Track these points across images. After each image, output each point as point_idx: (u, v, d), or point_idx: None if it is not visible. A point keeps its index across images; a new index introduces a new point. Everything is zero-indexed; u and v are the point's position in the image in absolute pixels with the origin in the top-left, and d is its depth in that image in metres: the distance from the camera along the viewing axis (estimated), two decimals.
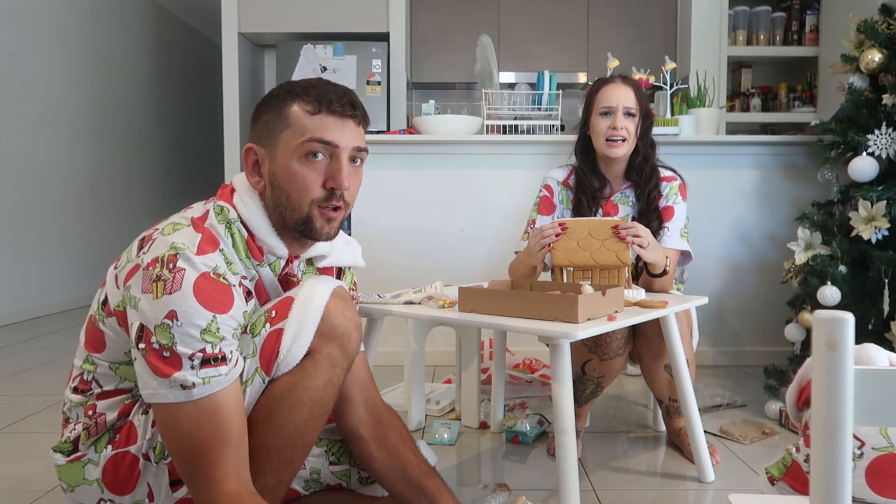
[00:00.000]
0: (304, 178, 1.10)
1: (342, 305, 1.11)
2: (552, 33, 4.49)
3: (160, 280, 0.96)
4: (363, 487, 1.33)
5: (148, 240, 1.04)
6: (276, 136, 1.10)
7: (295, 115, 1.10)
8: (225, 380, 0.99)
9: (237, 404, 1.01)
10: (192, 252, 0.99)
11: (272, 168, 1.11)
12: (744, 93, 4.24)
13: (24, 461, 1.80)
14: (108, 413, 1.09)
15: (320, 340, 1.08)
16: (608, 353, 1.71)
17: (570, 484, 1.29)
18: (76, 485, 1.10)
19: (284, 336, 1.06)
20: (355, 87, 3.97)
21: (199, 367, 0.96)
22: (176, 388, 0.96)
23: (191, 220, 1.06)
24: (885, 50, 2.06)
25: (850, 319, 0.51)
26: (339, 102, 1.10)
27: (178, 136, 6.08)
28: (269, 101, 1.13)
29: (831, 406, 0.52)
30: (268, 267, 1.15)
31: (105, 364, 1.10)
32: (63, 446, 1.12)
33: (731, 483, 1.67)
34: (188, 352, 0.96)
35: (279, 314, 1.08)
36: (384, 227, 2.84)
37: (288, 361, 1.07)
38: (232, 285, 1.02)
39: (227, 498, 0.97)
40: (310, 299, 1.08)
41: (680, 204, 1.86)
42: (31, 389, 2.53)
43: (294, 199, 1.10)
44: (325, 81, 1.14)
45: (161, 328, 0.96)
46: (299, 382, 1.07)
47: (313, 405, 1.08)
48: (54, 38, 4.34)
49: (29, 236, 4.15)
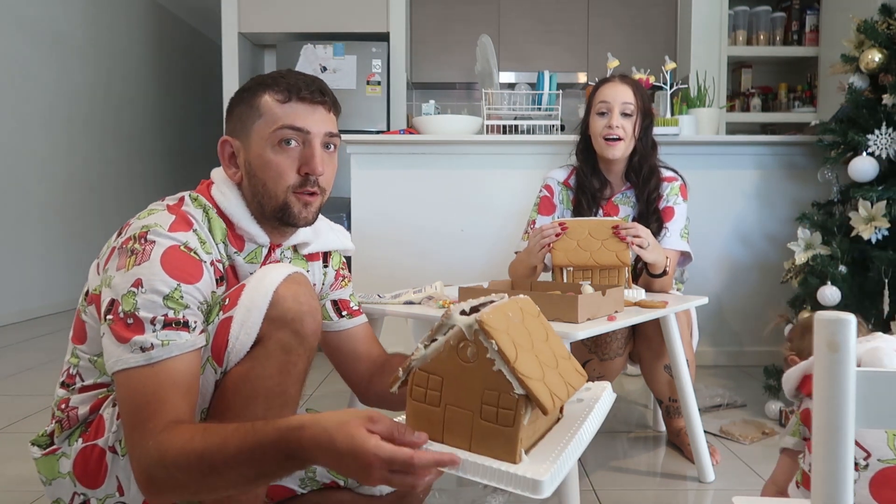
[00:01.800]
0: (279, 166, 1.10)
1: (294, 289, 1.07)
2: (552, 33, 4.49)
3: (133, 254, 0.99)
4: (361, 486, 1.32)
5: (126, 226, 1.06)
6: (248, 127, 1.12)
7: (266, 105, 1.11)
8: (185, 345, 0.98)
9: (191, 368, 0.99)
10: (164, 229, 1.01)
11: (247, 158, 1.13)
12: (744, 93, 4.24)
13: (24, 461, 1.80)
14: (81, 407, 1.10)
15: (270, 326, 1.04)
16: (608, 354, 1.71)
17: (570, 484, 1.29)
18: (52, 478, 1.10)
19: (233, 324, 1.03)
20: (355, 87, 3.97)
21: (160, 328, 0.96)
22: (136, 351, 0.95)
23: (166, 206, 1.08)
24: (885, 50, 2.06)
25: (852, 321, 0.51)
26: (307, 90, 1.11)
27: (178, 136, 6.08)
28: (241, 94, 1.15)
29: (832, 408, 0.51)
30: (248, 255, 1.15)
31: (86, 357, 1.10)
32: (40, 440, 1.12)
33: (731, 483, 1.66)
34: (150, 316, 0.96)
35: (231, 301, 1.05)
36: (384, 227, 2.84)
37: (237, 350, 1.03)
38: (202, 261, 1.03)
39: (163, 435, 0.91)
40: (259, 285, 1.05)
41: (680, 204, 1.86)
42: (31, 389, 2.53)
43: (270, 186, 1.11)
44: (295, 72, 1.15)
45: (127, 296, 0.96)
46: (251, 371, 1.03)
47: (270, 394, 1.03)
48: (54, 38, 4.34)
49: (30, 236, 4.15)
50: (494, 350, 0.73)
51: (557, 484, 0.74)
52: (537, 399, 0.72)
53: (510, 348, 0.74)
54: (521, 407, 0.73)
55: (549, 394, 0.74)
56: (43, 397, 2.38)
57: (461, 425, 0.76)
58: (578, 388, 0.83)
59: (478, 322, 0.74)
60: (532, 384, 0.72)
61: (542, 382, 0.74)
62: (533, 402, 0.73)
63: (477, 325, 0.74)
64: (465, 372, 0.76)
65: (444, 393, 0.77)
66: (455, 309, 0.78)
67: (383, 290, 1.75)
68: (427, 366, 0.78)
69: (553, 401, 0.74)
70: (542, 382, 0.74)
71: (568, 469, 0.77)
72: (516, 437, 0.73)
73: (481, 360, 0.74)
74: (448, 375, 0.77)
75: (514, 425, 0.73)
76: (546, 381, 0.75)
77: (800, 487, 1.09)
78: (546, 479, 0.71)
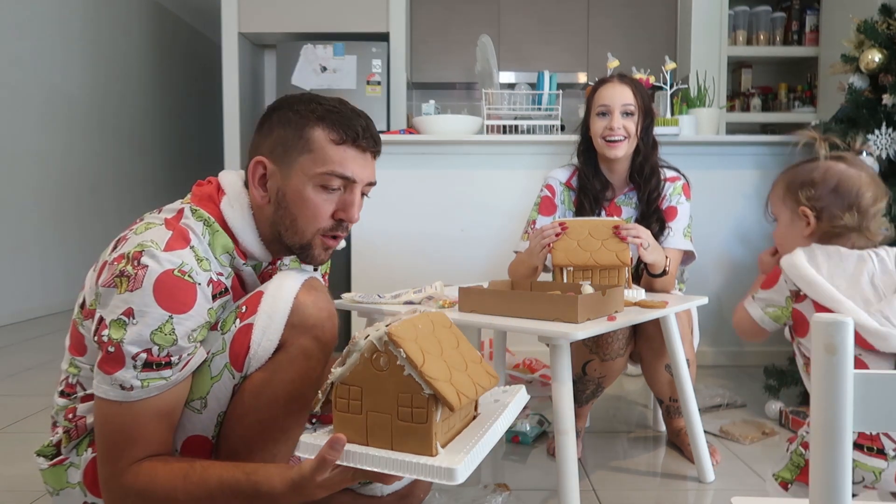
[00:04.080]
0: (316, 207, 1.09)
1: (314, 296, 1.09)
2: (552, 33, 4.49)
3: (123, 276, 0.96)
4: (362, 487, 1.32)
5: (122, 240, 1.04)
6: (293, 157, 1.08)
7: (318, 142, 1.07)
8: (165, 384, 0.98)
9: (171, 407, 1.01)
10: (158, 249, 0.98)
11: (282, 187, 1.10)
12: (744, 93, 4.24)
13: (24, 461, 1.80)
14: (89, 416, 1.09)
15: (292, 333, 1.06)
16: (609, 354, 1.71)
17: (570, 484, 1.29)
18: (60, 488, 1.10)
19: (254, 331, 1.04)
20: (355, 87, 3.98)
21: (140, 368, 0.96)
22: (116, 387, 0.96)
23: (164, 220, 1.05)
24: (885, 50, 2.06)
25: (849, 323, 0.51)
26: (363, 136, 1.09)
27: (178, 135, 6.08)
28: (286, 114, 1.10)
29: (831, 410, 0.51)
30: (251, 267, 1.15)
31: (87, 367, 1.09)
32: (46, 450, 1.12)
33: (731, 483, 1.67)
34: (133, 351, 0.95)
35: (249, 309, 1.06)
36: (384, 226, 2.84)
37: (259, 356, 1.05)
38: (197, 283, 1.00)
39: (127, 475, 0.98)
40: (278, 292, 1.07)
41: (684, 204, 1.86)
42: (31, 389, 2.53)
43: (300, 224, 1.10)
44: (349, 107, 1.12)
45: (116, 323, 0.95)
46: (273, 377, 1.05)
47: (290, 399, 1.06)
48: (54, 38, 4.34)
49: (29, 236, 4.15)
50: (403, 357, 0.82)
51: (471, 471, 0.82)
52: (444, 397, 0.81)
53: (417, 354, 0.83)
54: (432, 405, 0.82)
55: (455, 392, 0.83)
56: (41, 397, 2.38)
57: (382, 428, 0.85)
58: (489, 387, 0.93)
59: (387, 334, 0.83)
60: (439, 385, 0.82)
61: (449, 383, 0.84)
62: (441, 401, 0.82)
63: (386, 337, 0.83)
64: (380, 379, 0.85)
65: (364, 401, 0.86)
66: (361, 335, 0.87)
67: (383, 290, 1.75)
68: (346, 379, 0.87)
69: (459, 398, 0.83)
70: (449, 383, 0.84)
71: (481, 457, 0.86)
72: (430, 432, 0.83)
73: (393, 367, 0.84)
74: (366, 385, 0.86)
75: (426, 422, 0.82)
76: (453, 382, 0.85)
77: (792, 487, 1.09)
78: (460, 467, 0.80)
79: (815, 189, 1.16)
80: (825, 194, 1.15)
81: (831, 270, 1.10)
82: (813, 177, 1.17)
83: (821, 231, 1.16)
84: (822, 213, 1.15)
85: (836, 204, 1.14)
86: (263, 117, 1.14)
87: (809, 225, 1.16)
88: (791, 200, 1.19)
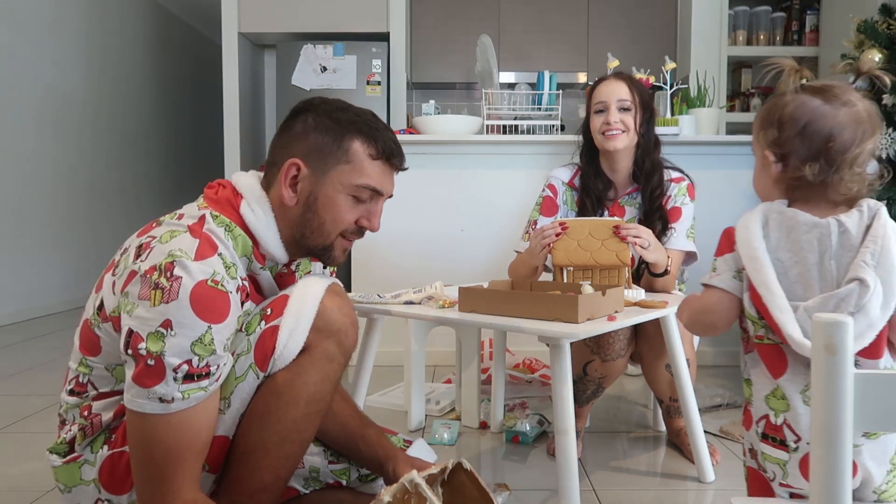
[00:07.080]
0: (345, 214, 1.16)
1: (339, 302, 1.14)
2: (552, 33, 4.49)
3: (158, 288, 0.96)
4: (363, 485, 1.34)
5: (146, 247, 1.03)
6: (329, 164, 1.14)
7: (357, 155, 1.14)
8: (204, 395, 1.00)
9: (210, 417, 1.03)
10: (189, 259, 0.98)
11: (314, 192, 1.14)
12: (744, 93, 4.24)
13: (24, 461, 1.80)
14: (104, 413, 1.09)
15: (317, 336, 1.10)
16: (610, 355, 1.71)
17: (570, 484, 1.29)
18: (73, 485, 1.10)
19: (280, 332, 1.08)
20: (355, 87, 3.98)
21: (181, 380, 0.96)
22: (154, 400, 0.96)
23: (187, 227, 1.05)
24: (885, 50, 2.06)
25: (849, 323, 0.51)
26: (398, 157, 1.20)
27: (178, 136, 6.08)
28: (324, 121, 1.15)
29: (831, 410, 0.51)
30: (268, 270, 1.17)
31: (101, 366, 1.09)
32: (59, 447, 1.12)
33: (731, 483, 1.67)
34: (174, 362, 0.95)
35: (275, 311, 1.10)
36: (384, 226, 2.79)
37: (284, 357, 1.08)
38: (229, 292, 1.02)
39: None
40: (305, 296, 1.11)
41: (688, 205, 1.86)
42: (31, 389, 2.53)
43: (327, 227, 1.16)
44: (380, 121, 1.20)
45: (154, 336, 0.95)
46: (296, 378, 1.09)
47: (310, 400, 1.10)
48: (54, 38, 4.34)
49: (29, 236, 4.15)
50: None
51: None
52: None
53: None
54: None
55: None
56: (42, 397, 2.38)
57: None
58: None
59: None
60: None
61: None
62: None
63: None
64: None
65: None
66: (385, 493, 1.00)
67: (383, 290, 1.76)
68: None
69: None
70: None
71: None
72: None
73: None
74: None
75: None
76: None
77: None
78: None
79: (780, 130, 0.94)
80: (791, 137, 0.93)
81: (778, 242, 0.93)
82: (781, 115, 0.94)
83: (787, 180, 0.96)
84: (787, 160, 0.94)
85: (800, 150, 0.93)
86: (293, 117, 1.17)
87: (773, 172, 0.96)
88: (758, 142, 0.99)
